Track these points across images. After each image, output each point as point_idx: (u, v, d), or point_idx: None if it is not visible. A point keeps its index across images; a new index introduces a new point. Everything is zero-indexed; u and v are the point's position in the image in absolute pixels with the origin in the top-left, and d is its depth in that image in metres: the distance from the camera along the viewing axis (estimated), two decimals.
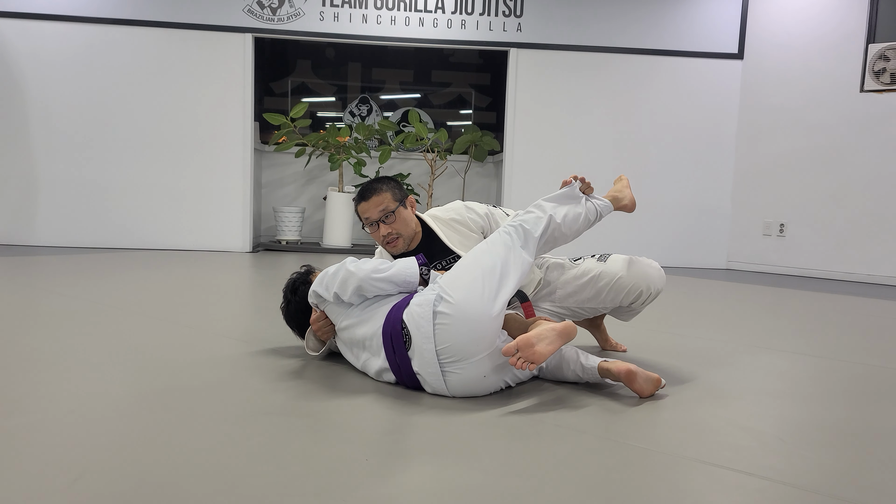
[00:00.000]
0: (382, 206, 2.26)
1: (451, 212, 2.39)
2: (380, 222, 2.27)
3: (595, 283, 2.33)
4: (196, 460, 1.36)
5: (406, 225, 2.30)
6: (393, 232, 2.28)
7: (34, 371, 1.99)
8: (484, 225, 2.37)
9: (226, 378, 2.00)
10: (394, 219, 2.27)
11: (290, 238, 7.01)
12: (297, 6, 6.29)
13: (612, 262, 2.34)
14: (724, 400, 1.96)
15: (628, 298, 2.31)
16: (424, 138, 7.01)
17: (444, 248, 2.31)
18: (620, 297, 2.31)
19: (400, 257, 2.34)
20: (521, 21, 6.45)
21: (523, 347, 1.72)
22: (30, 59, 6.07)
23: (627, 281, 2.29)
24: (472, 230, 2.35)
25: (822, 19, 6.07)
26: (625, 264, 2.32)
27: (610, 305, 2.36)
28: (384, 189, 2.28)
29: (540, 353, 1.72)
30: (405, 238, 2.30)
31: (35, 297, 3.37)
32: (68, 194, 6.20)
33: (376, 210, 2.26)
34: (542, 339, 1.74)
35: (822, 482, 1.37)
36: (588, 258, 2.41)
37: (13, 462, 1.32)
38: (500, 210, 2.44)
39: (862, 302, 4.50)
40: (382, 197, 2.26)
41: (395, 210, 2.27)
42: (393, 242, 2.30)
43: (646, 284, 2.29)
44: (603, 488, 1.30)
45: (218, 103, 6.33)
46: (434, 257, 2.32)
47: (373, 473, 1.32)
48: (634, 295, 2.30)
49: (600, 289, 2.32)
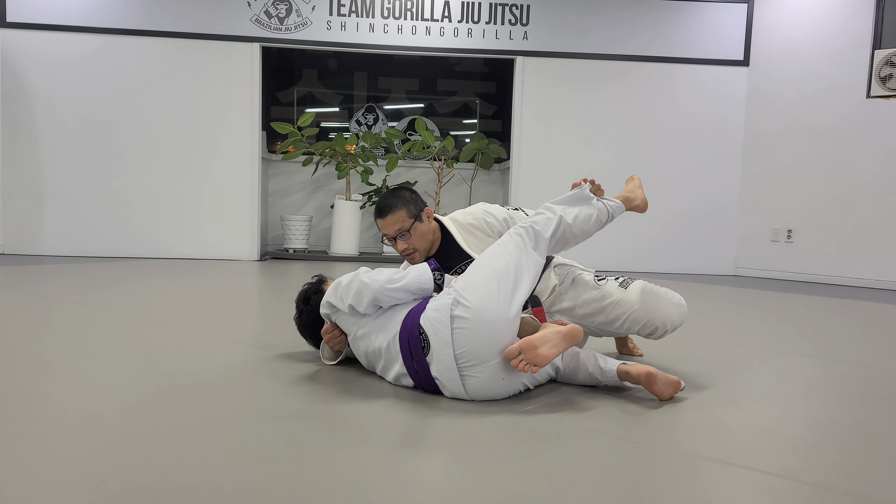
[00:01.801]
0: (398, 225, 2.30)
1: (470, 216, 2.39)
2: (396, 238, 2.32)
3: (612, 311, 2.27)
4: (218, 463, 1.35)
5: (422, 239, 2.33)
6: (409, 247, 2.33)
7: (50, 377, 1.99)
8: (502, 231, 2.36)
9: (242, 383, 1.99)
10: (409, 236, 2.31)
11: (298, 246, 7.01)
12: (305, 16, 6.32)
13: (632, 292, 2.26)
14: (744, 402, 1.94)
15: (644, 331, 2.26)
16: (431, 146, 7.02)
17: (462, 253, 2.32)
18: (636, 329, 2.26)
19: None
20: (527, 29, 6.47)
21: (526, 350, 1.71)
22: (39, 69, 6.11)
23: (643, 315, 2.23)
24: (490, 235, 2.35)
25: (827, 26, 6.08)
26: (643, 296, 2.24)
27: (625, 333, 2.33)
28: (399, 207, 2.30)
29: (543, 355, 1.71)
30: (422, 252, 2.35)
31: (46, 306, 3.37)
32: (76, 204, 6.22)
33: (392, 229, 2.31)
34: (546, 341, 1.73)
35: (850, 483, 1.36)
36: (611, 280, 2.33)
37: (35, 468, 1.31)
38: (520, 212, 2.40)
39: (872, 306, 4.47)
40: (397, 216, 2.29)
41: (411, 227, 2.30)
42: (410, 256, 2.35)
43: (661, 321, 2.23)
44: (630, 490, 1.29)
45: (225, 112, 6.35)
46: (452, 261, 2.32)
47: (396, 475, 1.31)
48: (650, 329, 2.25)
49: (616, 316, 2.27)
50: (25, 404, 1.71)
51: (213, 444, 1.46)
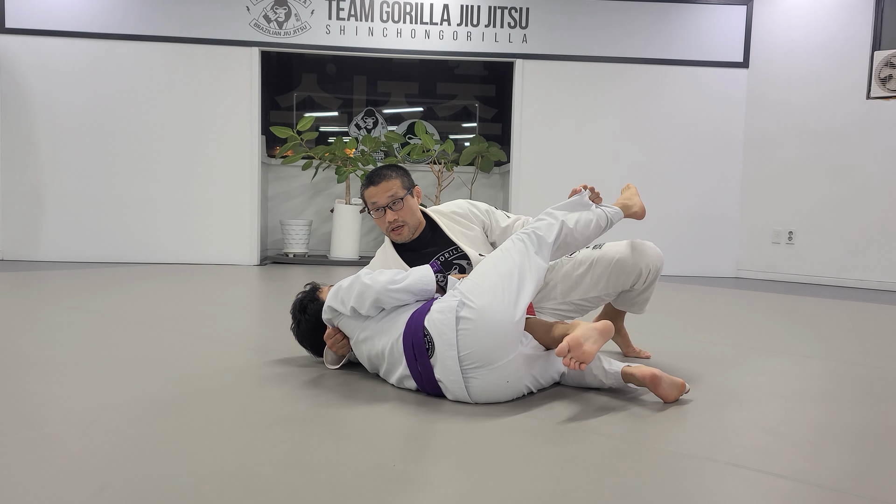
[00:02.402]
0: (391, 191, 2.26)
1: (453, 206, 2.44)
2: (387, 208, 2.27)
3: (593, 271, 2.32)
4: (222, 468, 1.34)
5: (412, 214, 2.31)
6: (399, 219, 2.29)
7: (52, 383, 1.98)
8: (485, 220, 2.41)
9: (244, 387, 1.98)
10: (401, 206, 2.28)
11: (298, 251, 7.00)
12: (304, 20, 6.32)
13: (608, 247, 2.35)
14: (749, 404, 1.93)
15: (628, 281, 2.31)
16: (431, 150, 7.01)
17: (446, 240, 2.33)
18: (621, 281, 2.31)
19: (404, 248, 2.36)
20: (526, 32, 6.47)
21: (574, 347, 1.70)
22: (37, 74, 6.10)
23: (624, 262, 2.29)
24: (473, 223, 2.39)
25: (826, 27, 6.08)
26: (620, 247, 2.33)
27: (613, 291, 2.35)
28: (394, 175, 2.29)
29: (588, 352, 1.71)
30: (410, 227, 2.31)
31: (47, 312, 3.36)
32: (75, 209, 6.22)
33: (385, 195, 2.27)
34: (588, 338, 1.73)
35: (858, 484, 1.35)
36: (583, 250, 2.39)
37: (38, 473, 1.30)
38: (502, 212, 2.46)
39: (874, 308, 4.47)
40: (392, 183, 2.27)
41: (404, 197, 2.28)
42: (398, 230, 2.30)
43: (644, 263, 2.29)
44: (636, 493, 1.28)
45: (225, 117, 6.35)
46: (436, 248, 2.32)
47: (401, 479, 1.30)
48: (634, 276, 2.30)
49: (599, 275, 2.32)
50: (27, 410, 1.70)
51: (216, 448, 1.45)
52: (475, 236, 2.36)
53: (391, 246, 2.40)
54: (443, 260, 2.28)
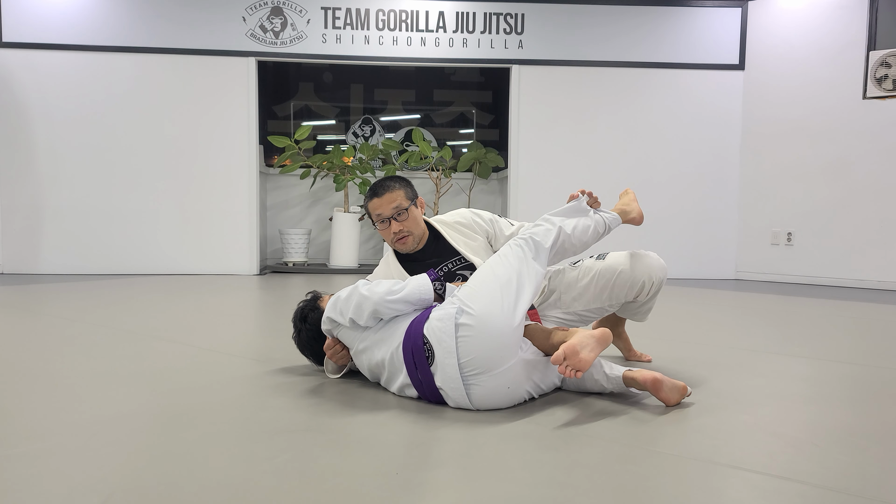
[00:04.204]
0: (395, 203, 2.28)
1: (457, 215, 2.45)
2: (391, 219, 2.29)
3: (597, 282, 2.33)
4: (224, 478, 1.34)
5: (416, 224, 2.33)
6: (404, 229, 2.30)
7: (55, 395, 1.98)
8: (488, 230, 2.41)
9: (245, 397, 1.98)
10: (406, 216, 2.30)
11: (297, 260, 7.00)
12: (300, 29, 6.34)
13: (611, 258, 2.35)
14: (751, 406, 1.93)
15: (632, 293, 2.31)
16: (429, 157, 7.02)
17: (450, 249, 2.34)
18: (624, 293, 2.31)
19: (407, 258, 2.36)
20: (522, 38, 6.49)
21: (570, 355, 1.70)
22: (36, 88, 6.11)
23: (628, 274, 2.29)
24: (477, 233, 2.40)
25: (822, 28, 6.10)
26: (624, 258, 2.33)
27: (616, 303, 2.35)
28: (397, 187, 2.31)
29: (585, 360, 1.71)
30: (415, 237, 2.33)
31: (47, 324, 3.36)
32: (75, 222, 6.22)
33: (389, 207, 2.29)
34: (585, 346, 1.73)
35: (860, 485, 1.35)
36: (587, 259, 2.41)
37: (42, 485, 1.30)
38: (506, 220, 2.47)
39: (874, 308, 4.47)
40: (396, 194, 2.29)
41: (408, 208, 2.30)
42: (403, 240, 2.32)
43: (647, 275, 2.29)
44: (639, 497, 1.28)
45: (222, 127, 6.36)
46: (440, 258, 2.33)
47: (404, 487, 1.30)
48: (637, 288, 2.30)
49: (603, 287, 2.32)
50: (30, 422, 1.70)
51: (218, 458, 1.45)
52: (479, 246, 2.36)
53: (394, 256, 2.40)
54: (446, 270, 2.29)
